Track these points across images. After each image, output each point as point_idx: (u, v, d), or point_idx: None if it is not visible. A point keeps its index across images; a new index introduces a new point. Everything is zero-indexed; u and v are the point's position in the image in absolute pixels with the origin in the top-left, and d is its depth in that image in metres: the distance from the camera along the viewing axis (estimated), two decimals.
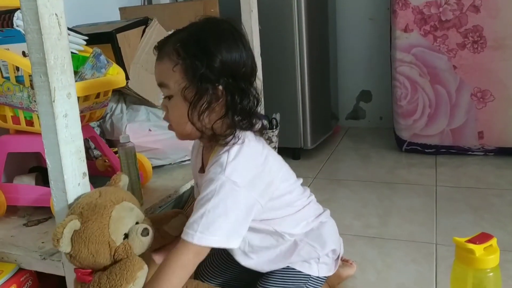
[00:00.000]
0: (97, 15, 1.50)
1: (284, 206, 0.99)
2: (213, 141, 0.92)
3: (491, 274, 0.90)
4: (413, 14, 2.05)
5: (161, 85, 0.91)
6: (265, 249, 1.00)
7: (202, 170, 0.99)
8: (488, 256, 0.88)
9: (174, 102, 0.89)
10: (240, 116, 0.90)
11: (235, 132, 0.89)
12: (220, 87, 0.87)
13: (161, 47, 0.91)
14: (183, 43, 0.87)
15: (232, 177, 0.85)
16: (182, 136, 0.94)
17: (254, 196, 0.88)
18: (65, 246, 0.77)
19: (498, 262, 0.90)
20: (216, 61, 0.86)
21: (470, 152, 2.13)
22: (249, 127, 0.92)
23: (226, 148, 0.88)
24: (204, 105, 0.86)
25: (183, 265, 0.85)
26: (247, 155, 0.89)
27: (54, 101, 0.81)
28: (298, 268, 1.02)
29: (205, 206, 0.83)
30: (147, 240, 0.82)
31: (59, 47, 0.80)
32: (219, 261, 1.13)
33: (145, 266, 0.80)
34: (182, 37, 0.89)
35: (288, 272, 1.02)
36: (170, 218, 1.01)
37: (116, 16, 1.66)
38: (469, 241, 0.90)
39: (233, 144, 0.88)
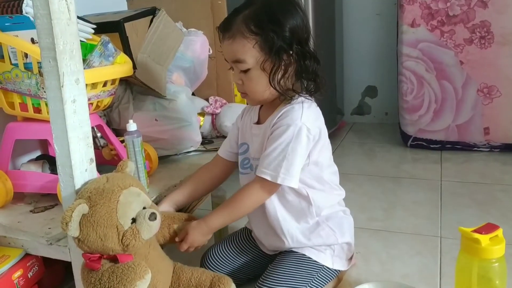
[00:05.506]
0: (104, 6, 1.50)
1: (326, 179, 1.06)
2: (281, 100, 1.00)
3: (496, 264, 0.90)
4: (420, 9, 2.04)
5: (236, 61, 0.96)
6: (291, 210, 1.04)
7: (258, 122, 1.07)
8: (493, 246, 0.88)
9: (252, 74, 0.96)
10: (310, 77, 0.99)
11: (304, 91, 0.99)
12: (293, 54, 0.95)
13: (228, 27, 0.95)
14: (254, 19, 0.93)
15: (307, 124, 0.95)
16: (258, 102, 1.04)
17: (310, 148, 0.98)
18: (74, 230, 0.77)
19: (504, 253, 0.90)
20: (286, 30, 0.93)
21: (475, 148, 2.12)
22: (317, 88, 1.01)
23: (295, 100, 0.98)
24: (281, 73, 0.95)
25: (258, 200, 0.99)
26: (316, 110, 1.01)
27: (62, 87, 0.81)
28: (313, 257, 1.05)
29: (286, 150, 0.94)
30: (154, 225, 0.82)
31: (68, 33, 0.81)
32: (226, 251, 1.14)
33: (148, 276, 0.79)
34: (250, 14, 0.94)
35: (302, 259, 1.04)
36: (182, 220, 1.02)
37: (123, 7, 1.67)
38: (475, 231, 0.90)
39: (302, 101, 0.98)
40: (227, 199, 1.02)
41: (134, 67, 1.21)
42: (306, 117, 0.96)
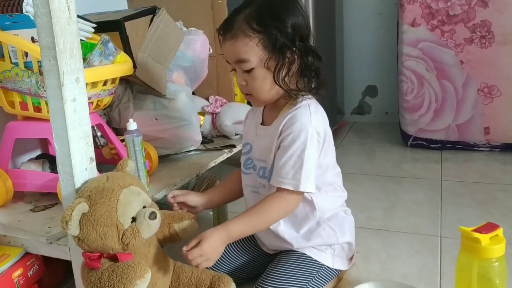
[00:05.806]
0: (104, 5, 1.50)
1: (329, 181, 1.06)
2: (285, 100, 1.00)
3: (496, 263, 0.89)
4: (420, 8, 2.04)
5: (239, 61, 0.95)
6: (293, 216, 1.03)
7: (262, 123, 1.07)
8: (494, 245, 0.88)
9: (256, 73, 0.95)
10: (313, 74, 0.98)
11: (309, 89, 0.99)
12: (297, 51, 0.94)
13: (229, 27, 0.94)
14: (256, 17, 0.92)
15: (317, 128, 0.96)
16: (263, 102, 1.02)
17: (319, 151, 0.99)
18: (74, 228, 0.77)
19: (504, 252, 0.90)
20: (288, 27, 0.93)
21: (476, 148, 2.12)
22: (320, 85, 1.00)
23: (301, 103, 0.98)
24: (285, 70, 0.95)
25: (285, 211, 0.98)
26: (322, 113, 1.01)
27: (62, 85, 0.81)
28: (314, 256, 1.05)
29: (302, 157, 0.93)
30: (154, 224, 0.82)
31: (68, 31, 0.81)
32: (226, 249, 1.14)
33: (147, 275, 0.79)
34: (251, 12, 0.93)
35: (302, 258, 1.04)
36: (183, 219, 1.00)
37: (123, 6, 1.67)
38: (475, 230, 0.90)
39: (308, 104, 0.98)
40: (249, 209, 0.99)
41: (134, 66, 1.21)
42: (315, 120, 0.96)
